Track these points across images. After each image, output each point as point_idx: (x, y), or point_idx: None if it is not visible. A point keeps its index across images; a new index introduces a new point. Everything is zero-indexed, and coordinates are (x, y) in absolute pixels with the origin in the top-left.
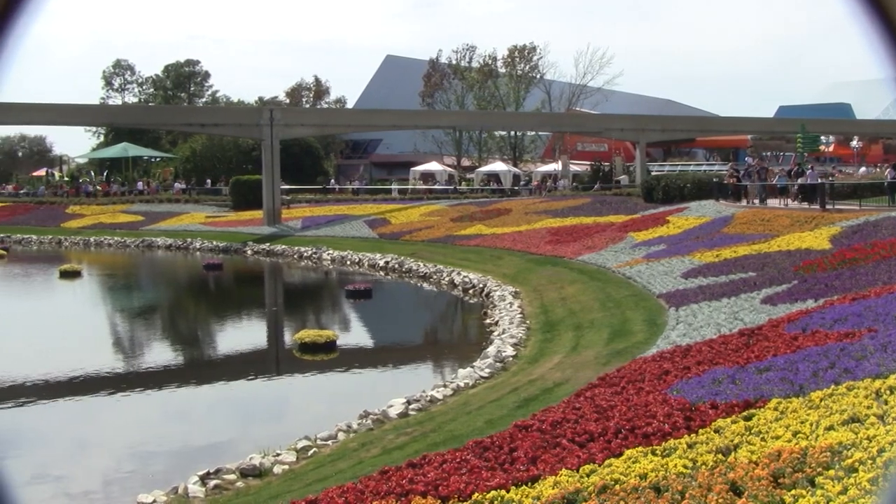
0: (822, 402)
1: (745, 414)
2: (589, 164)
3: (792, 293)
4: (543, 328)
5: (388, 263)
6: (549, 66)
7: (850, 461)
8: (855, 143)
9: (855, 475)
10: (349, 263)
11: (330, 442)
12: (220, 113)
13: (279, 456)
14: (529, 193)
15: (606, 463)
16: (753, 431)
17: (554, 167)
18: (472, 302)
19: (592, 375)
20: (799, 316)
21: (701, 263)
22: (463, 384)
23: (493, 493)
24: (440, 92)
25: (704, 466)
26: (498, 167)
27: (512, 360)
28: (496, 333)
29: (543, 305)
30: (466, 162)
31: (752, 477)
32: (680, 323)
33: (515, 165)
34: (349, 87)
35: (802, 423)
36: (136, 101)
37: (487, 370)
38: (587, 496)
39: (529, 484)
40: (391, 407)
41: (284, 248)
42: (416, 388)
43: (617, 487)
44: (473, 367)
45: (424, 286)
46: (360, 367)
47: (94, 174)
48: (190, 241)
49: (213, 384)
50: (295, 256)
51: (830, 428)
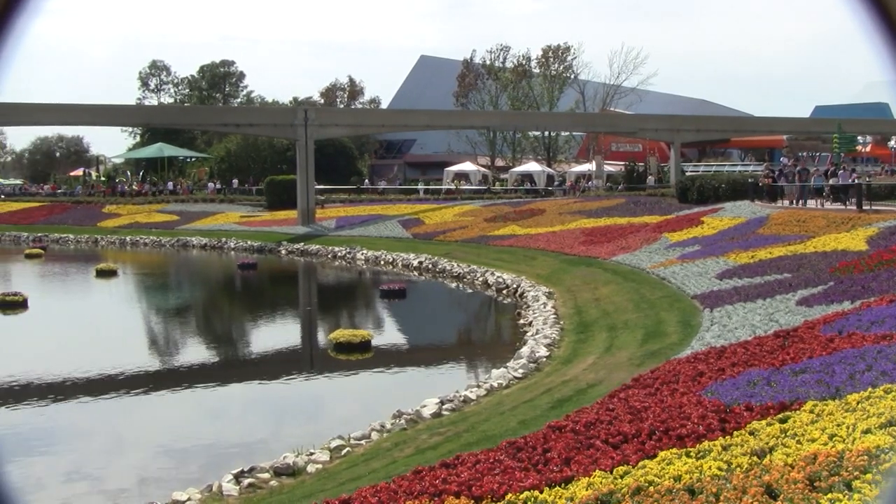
0: (858, 404)
1: (780, 416)
2: (623, 164)
3: (828, 294)
4: (577, 329)
5: (421, 263)
6: (583, 66)
7: (887, 465)
8: (892, 143)
9: (893, 479)
10: (383, 263)
11: (363, 441)
12: (254, 113)
13: (313, 455)
14: (563, 194)
15: (640, 464)
16: (789, 434)
17: (588, 167)
18: (505, 302)
19: (626, 377)
20: (835, 318)
21: (736, 264)
22: (496, 384)
23: (526, 493)
24: (474, 92)
25: (739, 469)
26: (532, 167)
27: (545, 360)
28: (530, 334)
29: (577, 306)
30: (500, 162)
31: (787, 480)
32: (714, 324)
33: (549, 166)
34: (383, 87)
35: (839, 426)
36: (171, 101)
37: (521, 371)
38: (621, 498)
39: (563, 485)
40: (425, 407)
41: (318, 247)
42: (449, 388)
43: (651, 489)
44: (507, 367)
45: (458, 286)
46: (394, 366)
47: (130, 174)
48: (224, 240)
49: (247, 383)
50: (329, 256)
51: (868, 431)
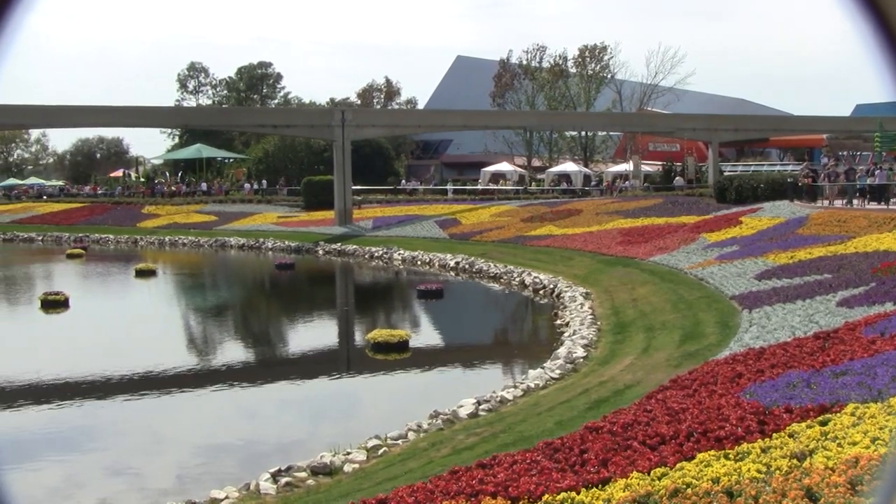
0: None
1: (820, 419)
2: (661, 164)
3: (869, 296)
4: (614, 329)
5: (458, 264)
6: (619, 65)
7: None
8: None
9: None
10: (420, 263)
11: (400, 441)
12: (292, 114)
13: (350, 454)
14: (600, 194)
15: (678, 466)
16: (829, 437)
17: (625, 167)
18: (542, 303)
19: (664, 377)
20: (877, 319)
21: (775, 265)
22: (533, 385)
23: (563, 494)
24: (510, 92)
25: (779, 471)
26: (569, 167)
27: (582, 361)
28: (567, 334)
29: (614, 307)
30: (537, 162)
31: (828, 483)
32: (753, 325)
33: (586, 166)
34: (420, 87)
35: (881, 429)
36: (210, 102)
37: (558, 371)
38: (658, 500)
39: (600, 486)
40: (461, 407)
41: (355, 247)
42: (486, 388)
43: (689, 491)
44: (544, 367)
45: (495, 287)
46: (431, 366)
47: (168, 175)
48: (262, 240)
49: (285, 382)
50: (366, 256)
51: None
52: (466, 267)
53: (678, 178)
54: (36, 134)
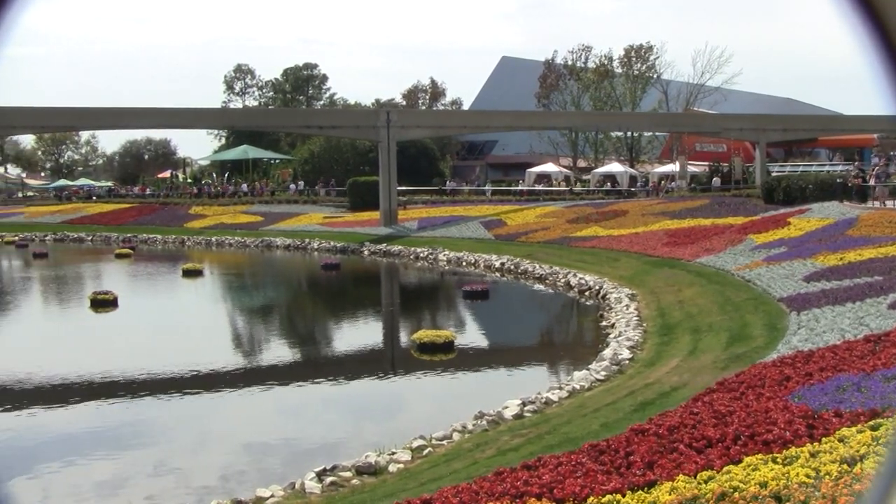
0: None
1: (871, 423)
2: (707, 164)
3: None
4: (660, 331)
5: (503, 265)
6: (665, 65)
7: None
8: None
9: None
10: (465, 264)
11: (445, 442)
12: (337, 115)
13: (394, 454)
14: (646, 195)
15: (725, 470)
16: (881, 442)
17: (671, 168)
18: (587, 304)
19: (710, 380)
20: None
21: (824, 267)
22: (578, 386)
23: (608, 496)
24: (556, 93)
25: (828, 476)
26: (614, 168)
27: (628, 363)
28: (612, 336)
29: (660, 308)
30: (582, 163)
31: None
32: (801, 328)
33: (632, 166)
34: (465, 88)
35: None
36: (256, 104)
37: (603, 373)
38: (705, 503)
39: (645, 489)
40: (506, 408)
41: (401, 248)
42: (531, 389)
43: (736, 495)
44: (589, 369)
45: (540, 288)
46: (476, 367)
47: (215, 176)
48: (308, 241)
49: (330, 382)
50: (411, 257)
51: None
52: (512, 268)
53: (715, 178)
54: (86, 136)
